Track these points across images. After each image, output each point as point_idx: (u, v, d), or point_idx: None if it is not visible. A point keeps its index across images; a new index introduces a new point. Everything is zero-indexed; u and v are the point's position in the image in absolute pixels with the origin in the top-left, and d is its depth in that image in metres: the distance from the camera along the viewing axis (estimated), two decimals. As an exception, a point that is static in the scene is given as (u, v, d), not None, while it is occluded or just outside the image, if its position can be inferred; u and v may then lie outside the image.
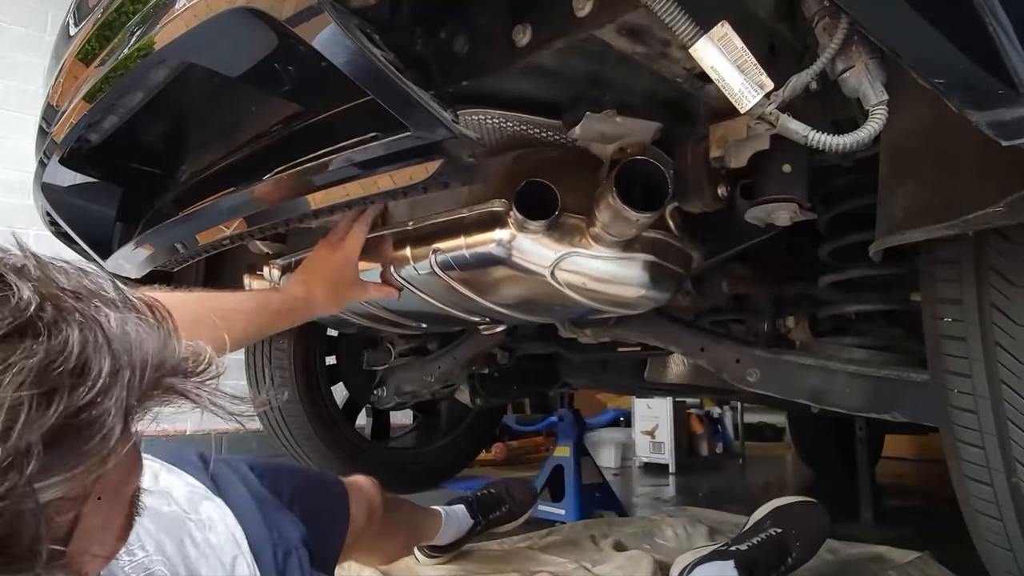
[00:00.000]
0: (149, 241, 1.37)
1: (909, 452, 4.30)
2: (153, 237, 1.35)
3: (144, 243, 1.37)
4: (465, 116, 0.99)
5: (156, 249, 1.39)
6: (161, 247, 1.39)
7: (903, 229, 0.84)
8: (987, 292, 0.90)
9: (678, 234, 1.18)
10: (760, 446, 5.10)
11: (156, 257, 1.43)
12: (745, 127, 1.00)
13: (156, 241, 1.37)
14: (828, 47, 0.73)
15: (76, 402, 0.39)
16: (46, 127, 1.27)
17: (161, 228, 1.30)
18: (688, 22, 0.73)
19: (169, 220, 1.27)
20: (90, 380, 0.40)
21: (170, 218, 1.27)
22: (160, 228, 1.30)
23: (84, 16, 1.18)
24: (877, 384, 1.20)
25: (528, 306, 1.28)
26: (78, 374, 0.40)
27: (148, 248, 1.39)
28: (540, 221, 1.05)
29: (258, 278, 1.65)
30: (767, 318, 1.48)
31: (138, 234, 1.36)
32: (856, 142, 0.75)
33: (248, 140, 1.18)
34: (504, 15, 0.90)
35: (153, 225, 1.31)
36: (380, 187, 1.02)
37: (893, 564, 1.78)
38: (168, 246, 1.38)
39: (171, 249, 1.39)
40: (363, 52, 0.79)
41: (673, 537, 2.08)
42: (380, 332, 2.11)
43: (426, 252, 1.17)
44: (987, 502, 0.96)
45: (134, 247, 1.39)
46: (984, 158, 0.74)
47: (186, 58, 0.98)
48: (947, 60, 0.64)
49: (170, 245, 1.38)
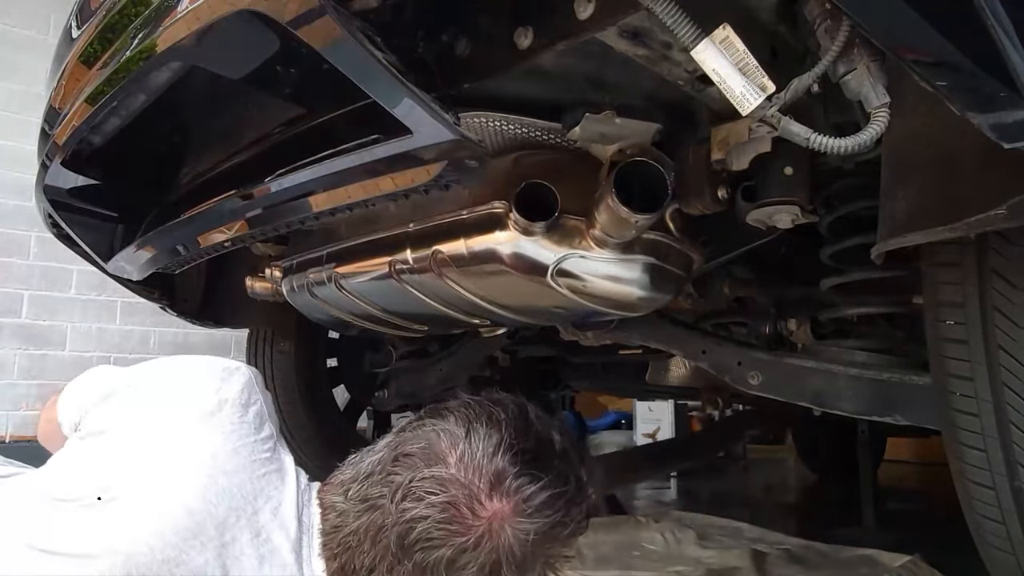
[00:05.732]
0: (151, 243, 1.37)
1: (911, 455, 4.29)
2: (155, 239, 1.35)
3: (146, 245, 1.38)
4: (466, 118, 0.99)
5: (158, 251, 1.39)
6: (163, 249, 1.39)
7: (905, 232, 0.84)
8: (989, 295, 0.90)
9: (679, 236, 1.18)
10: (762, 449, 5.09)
11: (158, 259, 1.43)
12: (747, 129, 1.00)
13: (158, 243, 1.37)
14: (830, 50, 0.73)
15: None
16: (48, 129, 1.27)
17: (163, 230, 1.30)
18: (690, 25, 0.73)
19: (171, 222, 1.27)
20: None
21: (172, 220, 1.27)
22: (162, 230, 1.30)
23: (87, 18, 1.18)
24: (879, 387, 1.20)
25: (528, 308, 1.28)
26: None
27: (150, 250, 1.39)
28: (540, 223, 1.05)
29: (260, 280, 1.65)
30: (769, 321, 1.48)
31: (140, 236, 1.36)
32: (858, 145, 0.75)
33: (250, 142, 1.18)
34: (506, 18, 0.90)
35: (155, 227, 1.31)
36: (382, 189, 1.03)
37: (884, 567, 1.77)
38: (170, 248, 1.38)
39: (173, 251, 1.39)
40: (365, 55, 0.79)
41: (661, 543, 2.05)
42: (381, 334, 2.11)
43: (426, 253, 1.17)
44: (989, 505, 0.96)
45: (136, 249, 1.39)
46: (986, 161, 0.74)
47: (188, 61, 0.98)
48: (949, 63, 0.64)
49: (172, 247, 1.38)
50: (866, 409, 1.21)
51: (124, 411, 0.80)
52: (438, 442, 0.72)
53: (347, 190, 1.05)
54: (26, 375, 3.31)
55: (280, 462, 0.77)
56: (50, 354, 3.39)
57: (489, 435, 0.72)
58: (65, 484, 0.73)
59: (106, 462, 0.74)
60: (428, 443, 0.72)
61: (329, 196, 1.09)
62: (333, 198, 1.09)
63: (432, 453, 0.71)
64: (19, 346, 3.31)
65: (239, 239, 1.31)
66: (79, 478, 0.73)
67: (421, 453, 0.72)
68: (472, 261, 1.13)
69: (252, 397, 0.79)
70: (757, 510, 2.95)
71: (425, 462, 0.71)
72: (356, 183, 1.03)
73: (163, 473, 0.72)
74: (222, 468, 0.72)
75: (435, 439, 0.73)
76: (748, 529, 2.21)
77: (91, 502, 0.69)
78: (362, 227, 1.34)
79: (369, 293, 1.37)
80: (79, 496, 0.70)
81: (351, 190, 1.05)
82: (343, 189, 1.05)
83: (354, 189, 1.05)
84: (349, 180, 1.02)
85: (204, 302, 1.96)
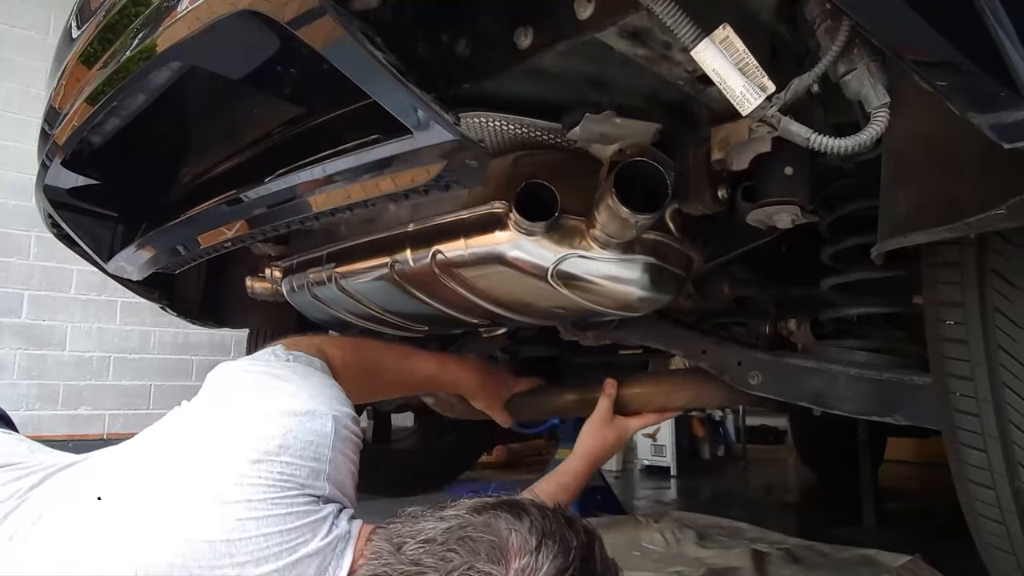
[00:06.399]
0: (151, 243, 1.37)
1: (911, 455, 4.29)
2: (155, 239, 1.35)
3: (146, 245, 1.38)
4: (466, 119, 0.99)
5: (158, 251, 1.40)
6: (163, 249, 1.39)
7: (905, 232, 0.83)
8: (989, 295, 0.90)
9: (679, 236, 1.18)
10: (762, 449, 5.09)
11: (158, 259, 1.43)
12: (747, 129, 1.00)
13: (158, 243, 1.37)
14: (830, 50, 0.73)
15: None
16: (48, 129, 1.27)
17: (163, 230, 1.30)
18: (690, 25, 0.73)
19: (171, 222, 1.27)
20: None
21: (172, 220, 1.27)
22: (162, 230, 1.30)
23: (87, 19, 1.18)
24: (879, 387, 1.20)
25: (528, 308, 1.28)
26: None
27: (150, 250, 1.39)
28: (540, 223, 1.05)
29: (260, 280, 1.65)
30: (769, 321, 1.47)
31: (140, 236, 1.36)
32: (858, 145, 0.75)
33: (250, 142, 1.18)
34: (506, 18, 0.90)
35: (155, 227, 1.31)
36: (382, 189, 1.03)
37: (885, 567, 1.77)
38: (170, 248, 1.38)
39: (173, 251, 1.39)
40: (365, 55, 0.79)
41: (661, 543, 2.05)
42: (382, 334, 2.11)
43: (426, 253, 1.17)
44: (990, 506, 0.96)
45: (136, 249, 1.39)
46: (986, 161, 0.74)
47: (188, 61, 0.98)
48: (949, 63, 0.64)
49: (172, 247, 1.38)
50: (866, 409, 1.21)
51: (200, 417, 0.86)
52: (508, 542, 0.71)
53: (347, 190, 1.05)
54: (26, 375, 3.31)
55: (319, 514, 0.77)
56: (50, 354, 3.39)
57: (556, 557, 0.70)
58: (123, 485, 0.79)
59: (159, 470, 0.80)
60: (499, 538, 0.71)
61: (329, 196, 1.09)
62: (333, 198, 1.09)
63: (498, 549, 0.71)
64: (19, 346, 3.31)
65: (239, 239, 1.31)
66: (135, 480, 0.80)
67: (488, 545, 0.71)
68: (472, 261, 1.13)
69: (319, 452, 0.80)
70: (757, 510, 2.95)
71: (488, 556, 0.70)
72: (356, 183, 1.03)
73: (196, 501, 0.74)
74: (253, 513, 0.73)
75: (506, 537, 0.71)
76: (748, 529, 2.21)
77: (130, 509, 0.75)
78: (362, 227, 1.34)
79: (369, 293, 1.37)
80: (127, 500, 0.76)
81: (351, 190, 1.05)
82: (343, 189, 1.05)
83: (354, 189, 1.05)
84: (349, 180, 1.02)
85: (204, 302, 1.96)
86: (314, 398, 0.86)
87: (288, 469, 0.77)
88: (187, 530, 0.72)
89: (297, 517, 0.75)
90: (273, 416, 0.81)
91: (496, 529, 0.72)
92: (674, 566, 1.82)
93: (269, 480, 0.75)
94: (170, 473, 0.79)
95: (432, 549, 0.72)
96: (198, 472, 0.77)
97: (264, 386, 0.90)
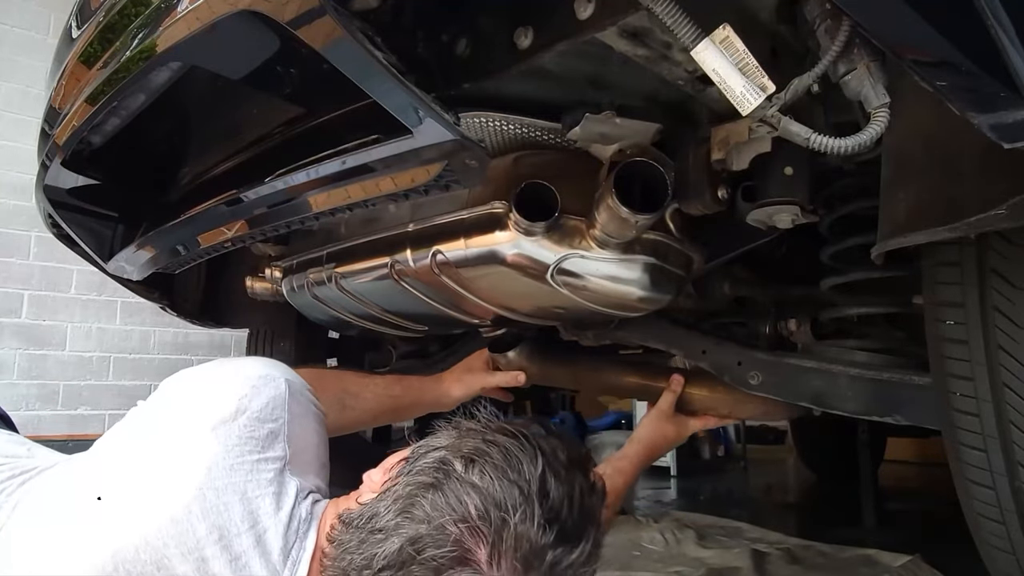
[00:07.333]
0: (151, 243, 1.37)
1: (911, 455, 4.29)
2: (155, 239, 1.35)
3: (146, 245, 1.38)
4: (466, 119, 0.99)
5: (158, 251, 1.40)
6: (163, 249, 1.39)
7: (905, 232, 0.83)
8: (989, 295, 0.90)
9: (679, 236, 1.18)
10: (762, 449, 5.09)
11: (158, 259, 1.43)
12: (747, 129, 1.00)
13: (158, 243, 1.37)
14: (830, 50, 0.73)
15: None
16: (48, 129, 1.27)
17: (163, 230, 1.30)
18: (690, 25, 0.73)
19: (171, 222, 1.27)
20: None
21: (172, 220, 1.27)
22: (162, 230, 1.30)
23: (87, 19, 1.18)
24: (879, 387, 1.20)
25: (528, 308, 1.28)
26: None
27: (150, 250, 1.39)
28: (540, 223, 1.05)
29: (260, 280, 1.65)
30: (769, 321, 1.47)
31: (140, 236, 1.36)
32: (858, 145, 0.75)
33: (250, 142, 1.18)
34: (506, 18, 0.90)
35: (155, 227, 1.31)
36: (382, 189, 1.03)
37: (885, 567, 1.77)
38: (170, 248, 1.38)
39: (173, 251, 1.39)
40: (365, 55, 0.79)
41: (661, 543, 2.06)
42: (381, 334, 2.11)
43: (426, 253, 1.17)
44: (989, 505, 0.96)
45: (136, 249, 1.39)
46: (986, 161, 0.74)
47: (188, 61, 0.98)
48: (949, 63, 0.64)
49: (172, 247, 1.38)
50: (866, 409, 1.21)
51: (155, 407, 0.84)
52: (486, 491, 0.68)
53: (347, 190, 1.05)
54: (26, 375, 3.31)
55: (282, 486, 0.76)
56: (50, 354, 3.39)
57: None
58: (86, 478, 0.79)
59: (120, 458, 0.79)
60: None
61: (329, 196, 1.09)
62: (333, 198, 1.09)
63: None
64: (19, 346, 3.31)
65: (239, 239, 1.31)
66: (98, 472, 0.79)
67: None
68: (472, 261, 1.13)
69: (275, 414, 0.80)
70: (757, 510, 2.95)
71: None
72: (356, 183, 1.03)
73: (159, 478, 0.74)
74: (213, 483, 0.73)
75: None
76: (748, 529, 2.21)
77: (95, 499, 0.74)
78: (362, 227, 1.34)
79: (369, 293, 1.37)
80: (90, 492, 0.75)
81: (351, 190, 1.05)
82: (343, 189, 1.05)
83: (354, 189, 1.05)
84: (349, 180, 1.02)
85: (204, 302, 1.96)
86: (266, 365, 0.86)
87: (246, 431, 0.76)
88: (151, 511, 0.72)
89: (258, 486, 0.74)
90: (227, 381, 0.82)
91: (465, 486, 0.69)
92: (674, 566, 1.82)
93: (228, 444, 0.75)
94: (134, 457, 0.78)
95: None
96: (160, 449, 0.77)
97: (216, 364, 0.90)
